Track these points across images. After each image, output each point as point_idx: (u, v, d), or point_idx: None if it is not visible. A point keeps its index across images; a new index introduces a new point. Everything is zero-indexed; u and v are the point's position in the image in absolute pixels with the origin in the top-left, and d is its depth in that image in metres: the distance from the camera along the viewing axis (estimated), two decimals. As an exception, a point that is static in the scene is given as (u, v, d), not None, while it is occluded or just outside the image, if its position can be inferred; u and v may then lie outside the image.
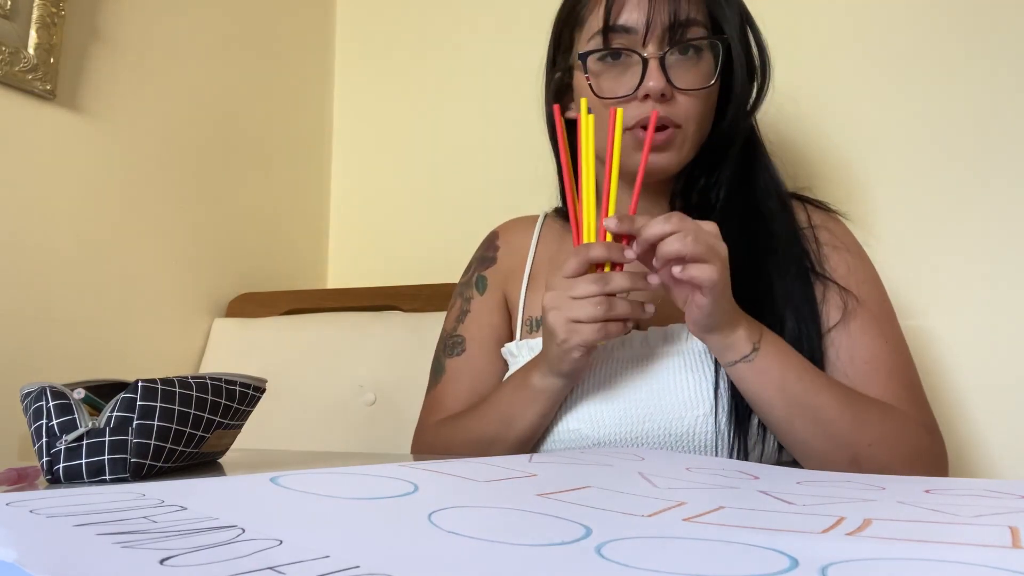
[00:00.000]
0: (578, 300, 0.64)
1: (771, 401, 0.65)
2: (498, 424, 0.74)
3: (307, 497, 0.34)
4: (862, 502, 0.37)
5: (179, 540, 0.25)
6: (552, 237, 0.88)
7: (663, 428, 0.69)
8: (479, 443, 0.75)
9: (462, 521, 0.30)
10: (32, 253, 1.01)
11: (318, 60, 1.54)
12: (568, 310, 0.65)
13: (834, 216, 0.81)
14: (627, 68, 0.73)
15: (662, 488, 0.41)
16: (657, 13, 0.71)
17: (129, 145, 1.15)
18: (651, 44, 0.72)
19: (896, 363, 0.71)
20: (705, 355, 0.70)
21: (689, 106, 0.73)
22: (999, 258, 1.01)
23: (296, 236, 1.47)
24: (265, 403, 0.64)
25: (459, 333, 0.85)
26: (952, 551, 0.27)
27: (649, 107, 0.71)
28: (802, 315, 0.71)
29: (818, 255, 0.75)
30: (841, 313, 0.71)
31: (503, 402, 0.74)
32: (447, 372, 0.84)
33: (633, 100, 0.72)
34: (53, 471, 0.50)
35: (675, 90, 0.72)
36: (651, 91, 0.71)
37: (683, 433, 0.69)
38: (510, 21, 1.37)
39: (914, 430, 0.67)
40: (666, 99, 0.72)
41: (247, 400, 0.60)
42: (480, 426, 0.75)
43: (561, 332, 0.65)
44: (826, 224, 0.78)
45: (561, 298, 0.65)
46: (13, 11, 0.98)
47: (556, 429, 0.73)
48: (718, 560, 0.26)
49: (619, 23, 0.72)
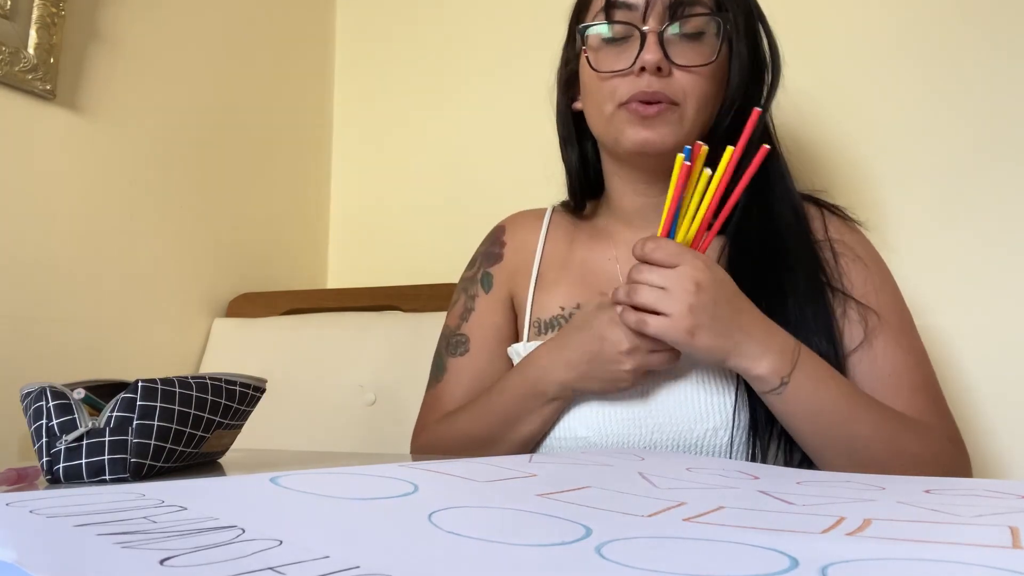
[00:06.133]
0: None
1: (801, 429, 0.64)
2: (501, 425, 0.73)
3: (307, 497, 0.34)
4: (862, 502, 0.37)
5: (179, 540, 0.25)
6: (560, 233, 0.86)
7: (672, 440, 0.68)
8: (479, 441, 0.74)
9: (462, 521, 0.30)
10: (32, 253, 1.01)
11: (318, 60, 1.54)
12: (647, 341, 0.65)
13: (851, 225, 0.79)
14: (627, 46, 0.73)
15: (662, 488, 0.41)
16: None
17: (129, 145, 1.15)
18: (651, 19, 0.71)
19: (919, 376, 0.70)
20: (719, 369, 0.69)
21: (688, 83, 0.72)
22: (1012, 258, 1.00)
23: (296, 236, 1.47)
24: (265, 403, 0.64)
25: (463, 332, 0.84)
26: (952, 551, 0.27)
27: (644, 82, 0.71)
28: (820, 339, 0.68)
29: (835, 269, 0.73)
30: (863, 331, 0.70)
31: (507, 404, 0.73)
32: (449, 371, 0.83)
33: (630, 75, 0.72)
34: (53, 471, 0.50)
35: (672, 65, 0.71)
36: (647, 63, 0.70)
37: (692, 445, 0.67)
38: (510, 21, 1.37)
39: (942, 446, 0.67)
40: (662, 73, 0.71)
41: (247, 400, 0.60)
42: (480, 425, 0.75)
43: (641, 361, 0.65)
44: (843, 235, 0.76)
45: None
46: (13, 11, 0.98)
47: (563, 436, 0.72)
48: (718, 560, 0.26)
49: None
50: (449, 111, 1.43)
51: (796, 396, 0.63)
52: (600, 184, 0.85)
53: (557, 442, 0.73)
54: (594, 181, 0.85)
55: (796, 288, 0.71)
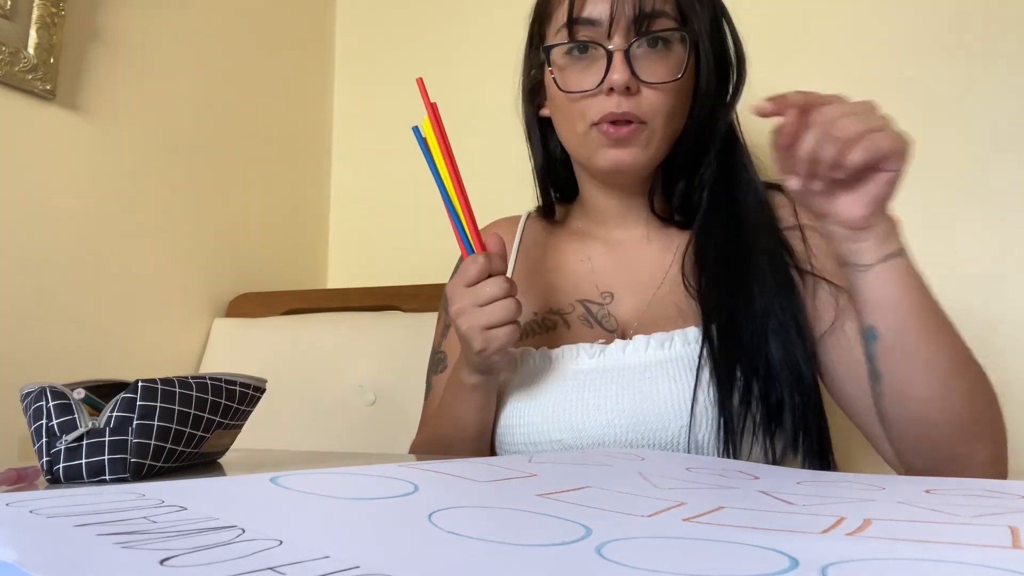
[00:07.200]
0: (487, 307, 0.64)
1: (914, 307, 0.57)
2: (449, 423, 0.75)
3: (307, 497, 0.34)
4: (862, 502, 0.37)
5: (179, 540, 0.25)
6: (534, 239, 0.87)
7: (647, 438, 0.67)
8: (443, 443, 0.76)
9: (462, 521, 0.30)
10: (32, 253, 1.01)
11: (318, 60, 1.54)
12: (479, 317, 0.65)
13: None
14: (593, 61, 0.71)
15: (662, 488, 0.41)
16: (622, 4, 0.69)
17: (129, 145, 1.15)
18: (616, 36, 0.70)
19: None
20: (689, 364, 0.68)
21: (656, 101, 0.71)
22: (1000, 252, 1.00)
23: (296, 236, 1.47)
24: (265, 403, 0.64)
25: (442, 349, 0.85)
26: (952, 551, 0.27)
27: (614, 102, 0.70)
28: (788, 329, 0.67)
29: (807, 253, 0.72)
30: (834, 312, 0.69)
31: (447, 403, 0.75)
32: (434, 388, 0.84)
33: (598, 95, 0.71)
34: (53, 471, 0.50)
35: (640, 83, 0.70)
36: (615, 84, 0.69)
37: (668, 442, 0.67)
38: (509, 21, 1.37)
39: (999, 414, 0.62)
40: (631, 93, 0.70)
41: (247, 400, 0.60)
42: (439, 427, 0.76)
43: (478, 341, 0.65)
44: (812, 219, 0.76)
45: (469, 307, 0.65)
46: (13, 11, 0.98)
47: (539, 441, 0.72)
48: (718, 560, 0.26)
49: (583, 15, 0.71)
50: (448, 111, 1.43)
51: (909, 268, 0.57)
52: (571, 184, 0.85)
53: (534, 447, 0.72)
54: (564, 182, 0.86)
55: (763, 278, 0.70)
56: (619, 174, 0.75)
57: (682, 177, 0.78)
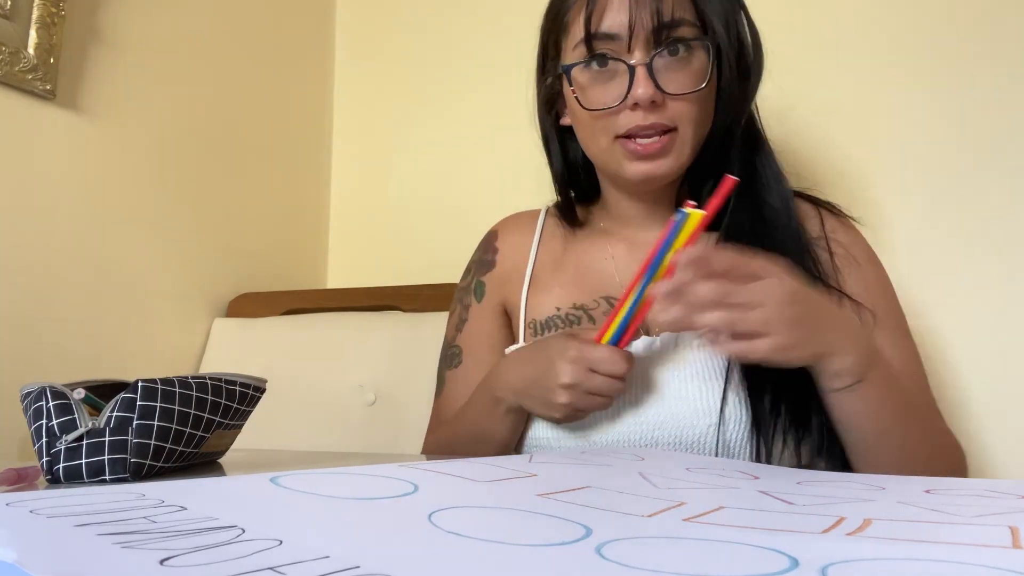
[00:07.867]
0: (601, 377, 0.64)
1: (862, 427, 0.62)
2: (472, 440, 0.75)
3: (307, 497, 0.34)
4: (862, 502, 0.37)
5: (179, 540, 0.25)
6: (554, 234, 0.86)
7: (673, 436, 0.68)
8: (462, 451, 0.75)
9: (462, 521, 0.30)
10: (32, 253, 1.01)
11: (318, 60, 1.54)
12: (589, 382, 0.65)
13: (847, 223, 0.78)
14: (614, 75, 0.70)
15: (662, 488, 0.41)
16: (640, 15, 0.68)
17: (129, 145, 1.15)
18: (637, 50, 0.68)
19: (915, 379, 0.71)
20: (716, 364, 0.68)
21: (683, 109, 0.70)
22: (1004, 257, 1.00)
23: (296, 236, 1.47)
24: (265, 403, 0.64)
25: (457, 344, 0.85)
26: (952, 551, 0.27)
27: (640, 116, 0.69)
28: None
29: (830, 266, 0.72)
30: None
31: (474, 419, 0.75)
32: (447, 384, 0.84)
33: (623, 109, 0.70)
34: (53, 471, 0.50)
35: (665, 95, 0.69)
36: (640, 99, 0.68)
37: (694, 441, 0.67)
38: (510, 21, 1.37)
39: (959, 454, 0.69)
40: (657, 106, 0.69)
41: (247, 400, 0.60)
42: (459, 436, 0.76)
43: (576, 400, 0.65)
44: (838, 233, 0.76)
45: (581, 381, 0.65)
46: (13, 11, 0.98)
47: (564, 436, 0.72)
48: (718, 560, 0.26)
49: (601, 30, 0.69)
50: (449, 111, 1.43)
51: (868, 394, 0.60)
52: (592, 187, 0.85)
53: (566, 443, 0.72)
54: (585, 184, 0.85)
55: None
56: (649, 184, 0.75)
57: (708, 178, 0.77)
